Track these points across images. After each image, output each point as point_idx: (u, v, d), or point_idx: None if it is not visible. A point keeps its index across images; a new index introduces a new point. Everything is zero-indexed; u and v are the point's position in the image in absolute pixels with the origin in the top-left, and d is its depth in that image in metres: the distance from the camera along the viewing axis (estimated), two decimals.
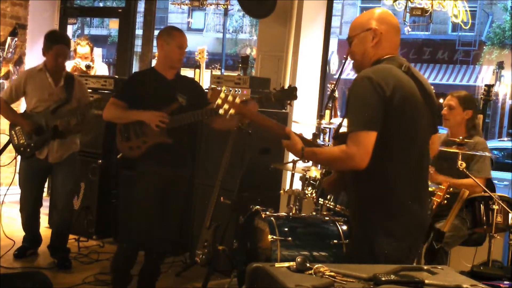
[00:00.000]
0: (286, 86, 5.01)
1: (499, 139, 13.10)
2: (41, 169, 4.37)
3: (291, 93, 3.46)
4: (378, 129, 2.17)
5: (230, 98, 2.42)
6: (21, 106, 5.43)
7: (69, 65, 5.30)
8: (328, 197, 3.75)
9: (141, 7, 7.20)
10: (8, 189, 4.39)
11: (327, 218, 3.73)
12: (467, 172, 3.49)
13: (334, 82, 4.41)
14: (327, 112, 4.60)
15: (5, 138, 4.49)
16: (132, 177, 3.79)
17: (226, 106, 2.42)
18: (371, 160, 2.18)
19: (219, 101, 2.41)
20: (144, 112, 3.60)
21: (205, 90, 4.63)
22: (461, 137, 3.55)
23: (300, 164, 4.12)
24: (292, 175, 4.12)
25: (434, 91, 2.45)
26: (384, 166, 2.24)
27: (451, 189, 3.26)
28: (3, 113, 4.38)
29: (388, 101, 2.19)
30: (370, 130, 2.16)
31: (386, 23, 2.37)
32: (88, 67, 5.62)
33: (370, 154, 2.16)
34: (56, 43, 4.21)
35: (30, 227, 4.51)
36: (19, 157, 4.46)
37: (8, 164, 4.72)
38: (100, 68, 6.03)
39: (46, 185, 6.04)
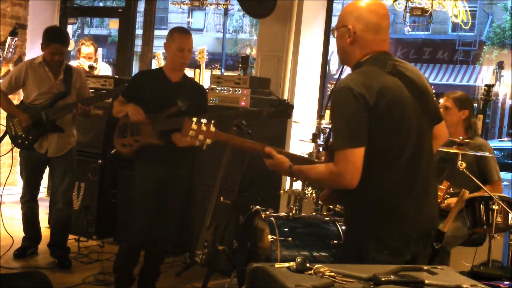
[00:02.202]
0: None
1: (499, 139, 13.10)
2: (39, 161, 4.39)
3: (284, 111, 3.37)
4: (365, 143, 2.06)
5: (203, 127, 2.32)
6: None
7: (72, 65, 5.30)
8: None
9: (141, 7, 7.20)
10: (3, 188, 4.40)
11: (327, 218, 3.73)
12: (467, 172, 3.49)
13: (334, 82, 4.41)
14: (327, 112, 4.60)
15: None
16: (131, 177, 3.79)
17: (201, 136, 2.32)
18: (363, 170, 2.07)
19: (191, 133, 2.31)
20: (133, 107, 3.63)
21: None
22: (461, 137, 3.56)
23: None
24: None
25: (427, 82, 2.29)
26: (373, 174, 2.10)
27: (451, 189, 3.27)
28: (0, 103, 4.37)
29: (372, 109, 2.06)
30: (357, 146, 2.05)
31: (363, 21, 2.19)
32: (91, 67, 5.63)
33: (360, 170, 2.05)
34: (52, 42, 4.20)
35: (29, 216, 4.51)
36: (17, 154, 4.48)
37: (4, 154, 4.72)
38: (104, 69, 6.05)
39: (46, 185, 6.08)
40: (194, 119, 2.33)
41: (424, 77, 2.32)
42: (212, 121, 2.37)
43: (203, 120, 2.35)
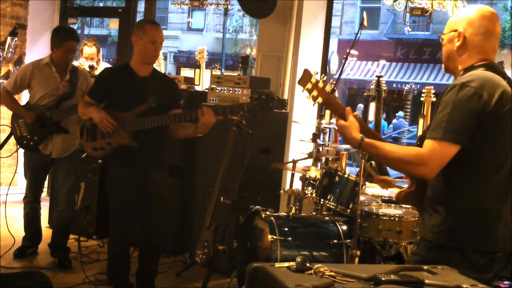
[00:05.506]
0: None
1: None
2: (43, 162, 4.40)
3: (266, 104, 3.31)
4: (464, 144, 2.00)
5: (320, 84, 2.28)
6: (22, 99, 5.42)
7: None
8: (328, 197, 3.75)
9: (141, 7, 7.20)
10: (8, 188, 4.41)
11: (327, 218, 3.73)
12: None
13: (334, 82, 4.41)
14: (327, 112, 4.60)
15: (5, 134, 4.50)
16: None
17: (315, 92, 2.28)
18: (459, 175, 2.05)
19: (309, 85, 2.28)
20: (96, 111, 3.52)
21: (181, 89, 4.53)
22: None
23: (300, 164, 4.12)
24: (292, 175, 4.11)
25: None
26: (471, 183, 2.06)
27: None
28: (5, 103, 4.39)
29: (489, 112, 2.00)
30: (455, 143, 1.99)
31: (475, 26, 2.17)
32: (91, 67, 5.62)
33: (443, 166, 2.01)
34: (68, 40, 4.23)
35: (31, 216, 4.52)
36: (20, 154, 4.48)
37: (8, 156, 4.72)
38: None
39: (46, 185, 6.07)
40: (316, 72, 2.29)
41: None
42: (331, 80, 2.34)
43: (322, 76, 2.31)
